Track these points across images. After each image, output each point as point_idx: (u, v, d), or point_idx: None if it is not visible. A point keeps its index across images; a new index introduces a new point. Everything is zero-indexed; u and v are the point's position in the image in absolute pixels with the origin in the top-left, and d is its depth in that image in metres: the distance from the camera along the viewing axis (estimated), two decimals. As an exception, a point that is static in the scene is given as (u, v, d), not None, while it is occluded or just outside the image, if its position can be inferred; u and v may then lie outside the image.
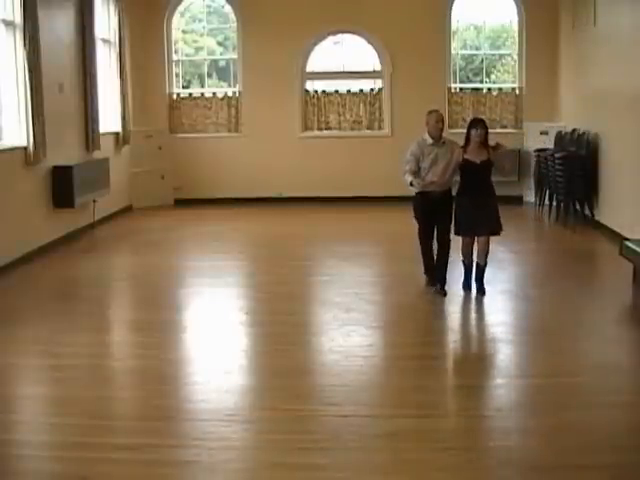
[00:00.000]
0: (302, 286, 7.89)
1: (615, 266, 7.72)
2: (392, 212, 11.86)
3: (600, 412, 4.52)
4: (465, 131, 7.00)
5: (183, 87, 13.59)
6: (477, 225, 6.90)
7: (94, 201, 10.48)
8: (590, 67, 10.77)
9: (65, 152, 9.72)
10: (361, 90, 13.26)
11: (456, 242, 7.15)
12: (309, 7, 12.79)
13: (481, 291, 7.05)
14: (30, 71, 8.51)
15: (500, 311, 6.83)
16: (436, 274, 7.14)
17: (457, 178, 7.10)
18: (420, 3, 12.75)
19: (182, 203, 12.97)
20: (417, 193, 7.15)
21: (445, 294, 7.01)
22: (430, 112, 7.11)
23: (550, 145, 11.80)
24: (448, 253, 7.12)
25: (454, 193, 7.09)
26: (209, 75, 13.89)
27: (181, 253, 9.65)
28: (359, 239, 10.19)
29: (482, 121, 7.03)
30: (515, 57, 13.28)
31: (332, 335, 6.02)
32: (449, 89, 13.04)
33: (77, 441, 4.22)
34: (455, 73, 13.19)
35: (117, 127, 11.83)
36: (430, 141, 7.01)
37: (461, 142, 7.01)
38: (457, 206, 6.97)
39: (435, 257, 7.20)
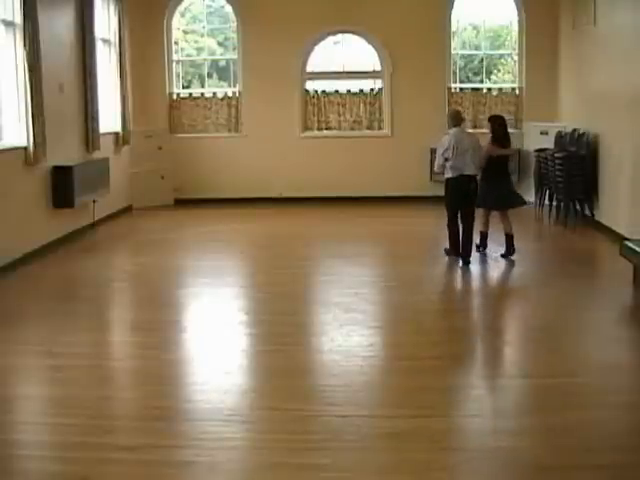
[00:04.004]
0: (302, 286, 7.89)
1: (615, 266, 7.73)
2: (392, 212, 11.91)
3: (600, 412, 4.52)
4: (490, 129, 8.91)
5: (183, 87, 13.58)
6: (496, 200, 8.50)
7: (94, 201, 10.48)
8: (590, 67, 10.77)
9: (65, 152, 9.72)
10: (361, 90, 13.25)
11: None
12: (309, 7, 12.78)
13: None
14: (30, 71, 8.50)
15: (500, 311, 6.83)
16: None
17: None
18: (420, 3, 12.74)
19: (182, 203, 12.96)
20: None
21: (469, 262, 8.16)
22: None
23: (550, 145, 11.80)
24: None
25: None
26: (209, 75, 13.89)
27: (181, 253, 9.64)
28: (359, 239, 10.18)
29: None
30: (515, 57, 13.27)
31: (332, 335, 6.02)
32: (449, 89, 13.02)
33: (77, 441, 4.21)
34: (455, 73, 13.18)
35: (117, 127, 11.81)
36: None
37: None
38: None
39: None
